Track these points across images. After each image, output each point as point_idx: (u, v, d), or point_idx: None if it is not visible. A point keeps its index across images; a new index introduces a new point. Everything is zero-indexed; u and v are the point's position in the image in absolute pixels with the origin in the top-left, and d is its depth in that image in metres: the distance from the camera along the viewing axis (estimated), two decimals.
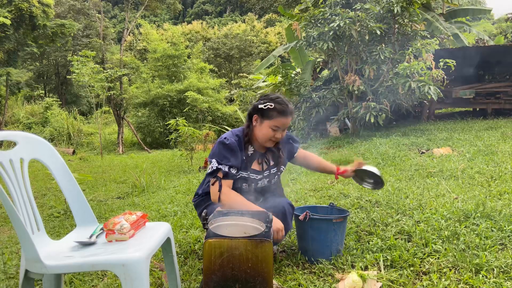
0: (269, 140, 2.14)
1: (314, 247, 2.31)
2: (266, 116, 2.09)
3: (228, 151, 2.12)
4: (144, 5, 19.35)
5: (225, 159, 2.11)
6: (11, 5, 13.40)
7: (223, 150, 2.12)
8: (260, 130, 2.13)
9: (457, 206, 2.85)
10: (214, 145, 2.21)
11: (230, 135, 2.20)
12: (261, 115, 2.12)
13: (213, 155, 2.15)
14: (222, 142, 2.14)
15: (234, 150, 2.13)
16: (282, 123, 2.09)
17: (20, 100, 22.42)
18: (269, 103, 2.09)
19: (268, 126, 2.10)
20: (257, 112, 2.14)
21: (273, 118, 2.08)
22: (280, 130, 2.11)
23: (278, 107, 2.08)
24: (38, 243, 1.52)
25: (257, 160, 2.23)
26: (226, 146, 2.12)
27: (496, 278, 1.89)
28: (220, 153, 2.12)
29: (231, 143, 2.13)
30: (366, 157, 5.67)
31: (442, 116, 11.03)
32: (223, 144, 2.13)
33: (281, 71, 9.96)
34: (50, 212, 4.59)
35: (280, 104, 2.09)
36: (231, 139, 2.15)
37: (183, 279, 2.15)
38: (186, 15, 65.39)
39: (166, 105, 18.05)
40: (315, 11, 8.19)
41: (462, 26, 12.43)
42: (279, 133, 2.11)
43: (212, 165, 2.13)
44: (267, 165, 2.27)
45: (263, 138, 2.13)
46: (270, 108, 2.08)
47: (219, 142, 2.16)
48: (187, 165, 8.02)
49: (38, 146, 1.82)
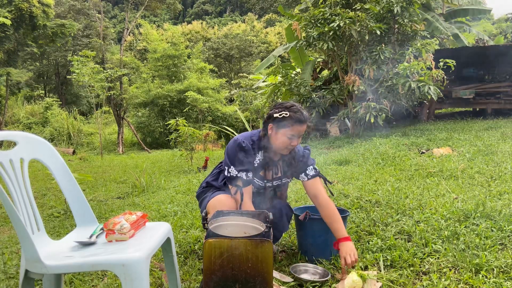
0: (285, 148, 2.13)
1: (314, 247, 2.31)
2: (282, 125, 2.09)
3: (245, 155, 2.12)
4: (144, 5, 19.35)
5: (242, 164, 2.11)
6: (11, 5, 13.40)
7: (240, 153, 2.13)
8: (276, 138, 2.12)
9: (457, 206, 2.85)
10: (229, 144, 2.21)
11: (246, 137, 2.20)
12: (276, 124, 2.11)
13: (230, 159, 2.14)
14: (240, 145, 2.14)
15: (250, 154, 2.14)
16: (298, 131, 2.09)
17: (20, 100, 22.44)
18: (284, 112, 2.08)
19: (284, 135, 2.09)
20: (272, 121, 2.13)
21: (289, 127, 2.07)
22: (295, 138, 2.11)
23: (293, 115, 2.07)
24: (38, 243, 1.52)
25: (268, 167, 2.24)
26: (243, 150, 2.13)
27: (496, 278, 1.89)
28: (238, 157, 2.12)
29: (247, 146, 2.14)
30: (366, 157, 5.67)
31: (442, 116, 11.03)
32: (240, 147, 2.13)
33: (281, 71, 9.95)
34: (50, 212, 4.59)
35: (295, 112, 2.08)
36: (247, 142, 2.16)
37: (183, 279, 2.15)
38: (186, 15, 65.40)
39: (166, 105, 18.05)
40: (315, 11, 8.18)
41: (462, 26, 12.44)
42: (295, 141, 2.11)
43: (231, 172, 2.13)
44: (276, 173, 2.27)
45: (279, 146, 2.13)
46: (286, 116, 2.07)
47: (236, 144, 2.15)
48: (187, 165, 8.02)
49: (38, 146, 1.82)
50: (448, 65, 7.59)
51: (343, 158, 5.75)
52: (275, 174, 2.27)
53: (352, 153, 6.20)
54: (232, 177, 2.13)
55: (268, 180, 2.24)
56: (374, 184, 3.93)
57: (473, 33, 12.76)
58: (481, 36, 12.48)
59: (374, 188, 3.71)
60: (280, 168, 2.28)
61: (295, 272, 2.12)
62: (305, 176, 2.28)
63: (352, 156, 5.89)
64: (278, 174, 2.29)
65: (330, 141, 8.68)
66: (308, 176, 2.28)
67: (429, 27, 9.63)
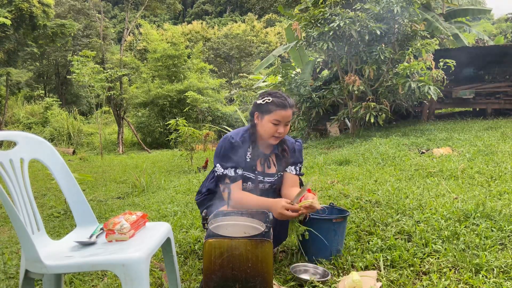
0: (272, 137, 2.12)
1: (314, 247, 2.31)
2: (266, 111, 2.09)
3: (233, 151, 2.11)
4: (144, 5, 19.34)
5: (229, 161, 2.10)
6: (11, 5, 13.39)
7: (227, 149, 2.12)
8: (262, 126, 2.12)
9: (457, 206, 2.85)
10: (219, 142, 2.21)
11: (236, 133, 2.19)
12: (261, 111, 2.12)
13: (217, 156, 2.15)
14: (228, 140, 2.14)
15: (239, 149, 2.12)
16: (282, 116, 2.07)
17: (20, 100, 22.44)
18: (267, 98, 2.10)
19: (268, 121, 2.08)
20: (257, 109, 2.14)
21: (272, 112, 2.07)
22: (281, 124, 2.09)
23: (276, 100, 2.08)
24: (38, 243, 1.52)
25: (259, 161, 2.22)
26: (231, 145, 2.12)
27: (496, 278, 1.89)
28: (225, 154, 2.12)
29: (236, 142, 2.13)
30: (366, 157, 5.66)
31: (442, 116, 11.03)
32: (228, 143, 2.13)
33: (281, 71, 9.95)
34: (50, 212, 4.59)
35: (277, 97, 2.09)
36: (236, 138, 2.15)
37: (183, 279, 2.15)
38: (186, 15, 65.38)
39: (166, 105, 18.04)
40: (315, 11, 8.18)
41: (462, 26, 12.44)
42: (281, 128, 2.09)
43: (217, 170, 2.13)
44: (269, 167, 2.24)
45: (266, 135, 2.12)
46: (268, 102, 2.08)
47: (224, 140, 2.16)
48: (187, 165, 8.02)
49: (38, 146, 1.82)
50: (448, 65, 7.60)
51: (343, 158, 5.75)
52: (267, 167, 2.24)
53: (352, 153, 6.19)
54: (220, 176, 2.13)
55: (260, 173, 2.21)
56: (374, 184, 3.93)
57: (473, 33, 12.76)
58: (481, 36, 12.49)
59: (374, 188, 3.71)
60: (273, 162, 2.26)
61: (295, 272, 2.12)
62: (293, 169, 2.29)
63: (352, 156, 5.89)
64: (272, 170, 2.25)
65: (330, 141, 8.68)
66: (296, 172, 2.30)
67: (429, 27, 9.63)
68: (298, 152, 2.31)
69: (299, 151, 2.32)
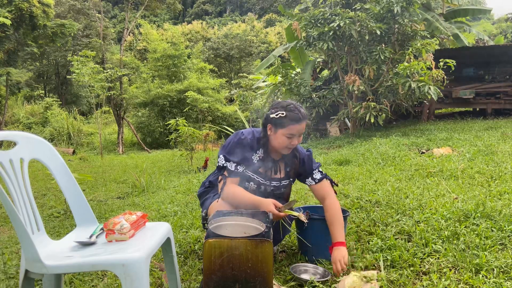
0: (285, 148, 2.10)
1: (314, 247, 2.31)
2: (279, 124, 2.05)
3: (240, 148, 2.11)
4: (144, 5, 19.33)
5: (234, 156, 2.10)
6: (11, 5, 13.39)
7: (235, 144, 2.12)
8: (275, 138, 2.09)
9: (457, 206, 2.85)
10: (230, 136, 2.22)
11: (249, 132, 2.19)
12: (274, 124, 2.08)
13: (223, 148, 2.15)
14: (239, 137, 2.14)
15: (247, 147, 2.12)
16: (296, 129, 2.05)
17: (20, 100, 22.42)
18: (280, 112, 2.05)
19: (282, 135, 2.05)
20: (270, 122, 2.10)
21: (286, 126, 2.03)
22: (295, 137, 2.07)
23: (290, 114, 2.03)
24: (38, 243, 1.52)
25: (267, 165, 2.20)
26: (240, 142, 2.12)
27: (496, 278, 1.89)
28: (232, 148, 2.12)
29: (246, 140, 2.13)
30: (366, 157, 5.67)
31: (442, 116, 11.04)
32: (238, 139, 2.13)
33: (281, 71, 9.95)
34: (50, 212, 4.59)
35: (291, 111, 2.04)
36: (248, 137, 2.15)
37: (183, 279, 2.15)
38: (186, 15, 65.36)
39: (166, 105, 18.04)
40: (315, 11, 8.19)
41: (462, 26, 12.43)
42: (295, 140, 2.07)
43: (219, 161, 2.14)
44: (276, 173, 2.23)
45: (279, 147, 2.10)
46: (282, 116, 2.04)
47: (235, 135, 2.16)
48: (187, 165, 8.02)
49: (38, 146, 1.82)
50: (448, 65, 7.59)
51: (343, 158, 5.75)
52: (274, 173, 2.23)
53: (352, 153, 6.19)
54: (220, 167, 2.13)
55: (266, 178, 2.21)
56: (374, 184, 3.93)
57: (473, 33, 12.75)
58: (481, 36, 12.48)
59: (374, 188, 3.71)
60: (281, 168, 2.24)
61: (295, 272, 2.12)
62: (312, 181, 2.27)
63: (352, 156, 5.89)
64: (279, 175, 2.24)
65: (330, 141, 8.68)
66: (316, 180, 2.26)
67: (429, 27, 9.63)
68: (311, 161, 2.28)
69: (311, 159, 2.29)
